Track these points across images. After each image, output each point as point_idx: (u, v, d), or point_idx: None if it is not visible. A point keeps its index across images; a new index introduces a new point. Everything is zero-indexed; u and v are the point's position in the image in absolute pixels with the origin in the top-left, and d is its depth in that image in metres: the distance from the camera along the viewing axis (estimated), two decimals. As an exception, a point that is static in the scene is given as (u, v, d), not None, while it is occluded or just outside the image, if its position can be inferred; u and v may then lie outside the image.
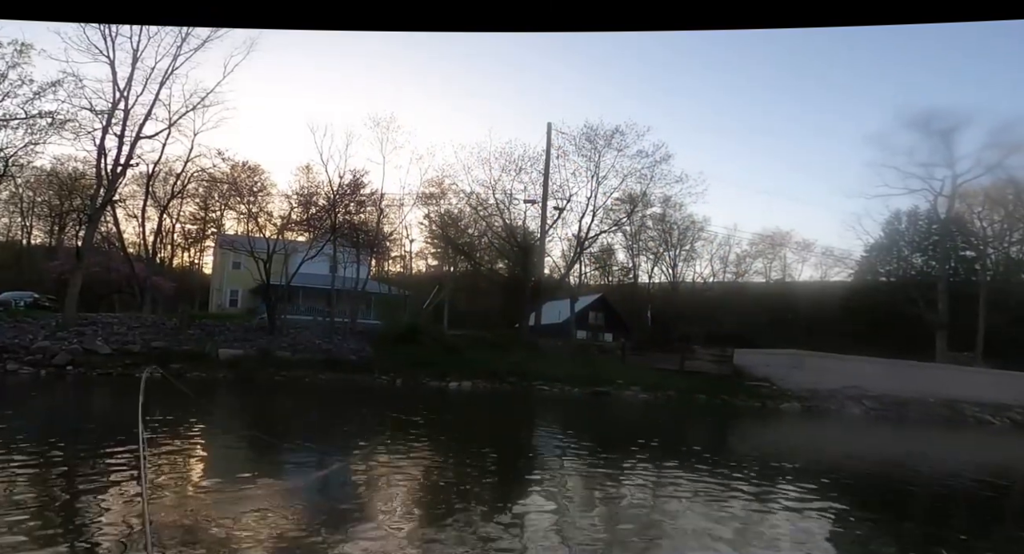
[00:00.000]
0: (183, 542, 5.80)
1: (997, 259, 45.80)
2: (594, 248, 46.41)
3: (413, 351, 29.85)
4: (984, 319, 39.46)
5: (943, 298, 40.80)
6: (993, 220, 45.94)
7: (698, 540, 7.19)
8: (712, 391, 29.99)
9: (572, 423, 21.06)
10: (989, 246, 46.22)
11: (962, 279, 43.70)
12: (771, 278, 51.66)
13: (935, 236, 45.31)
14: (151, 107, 30.87)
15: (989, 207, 45.23)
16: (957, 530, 9.12)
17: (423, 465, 11.30)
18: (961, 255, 45.82)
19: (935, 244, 45.15)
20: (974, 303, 39.86)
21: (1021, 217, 43.62)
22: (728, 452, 16.54)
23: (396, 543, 6.33)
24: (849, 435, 23.21)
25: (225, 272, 42.74)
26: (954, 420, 29.40)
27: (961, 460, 18.15)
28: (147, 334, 28.76)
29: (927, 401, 30.66)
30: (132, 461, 9.20)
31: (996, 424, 29.44)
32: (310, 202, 33.59)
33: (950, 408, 30.53)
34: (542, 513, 7.97)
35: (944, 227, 44.72)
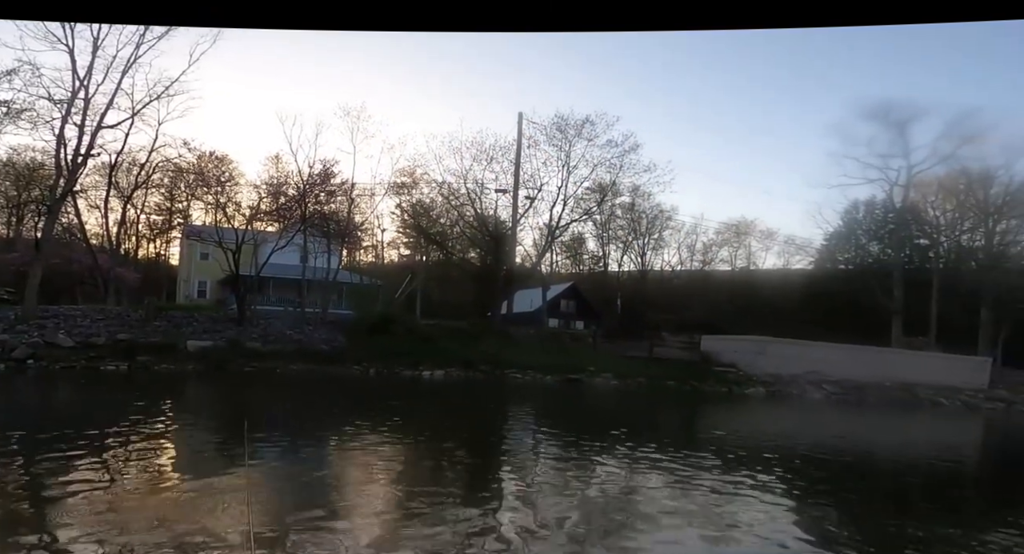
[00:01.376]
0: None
1: (949, 247, 47.30)
2: (565, 237, 46.86)
3: (386, 341, 29.89)
4: (937, 305, 41.15)
5: (898, 285, 42.20)
6: (946, 209, 47.43)
7: (669, 518, 7.67)
8: (681, 377, 30.71)
9: (545, 410, 21.48)
10: (942, 235, 47.88)
11: (916, 267, 45.11)
12: (736, 266, 52.91)
13: (891, 225, 46.67)
14: (113, 96, 30.02)
15: (942, 197, 46.74)
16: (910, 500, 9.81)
17: (395, 454, 11.54)
18: (915, 243, 47.29)
19: (891, 233, 46.53)
20: (927, 290, 41.42)
21: (972, 206, 45.21)
22: (697, 436, 17.21)
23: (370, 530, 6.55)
24: (812, 419, 24.10)
25: (192, 263, 41.98)
26: (909, 403, 30.75)
27: (911, 440, 19.22)
28: (112, 326, 28.15)
29: (884, 385, 31.97)
30: (99, 457, 9.33)
31: (948, 406, 30.85)
32: (280, 192, 33.20)
33: (906, 391, 31.89)
34: (516, 504, 8.26)
35: (899, 216, 46.13)
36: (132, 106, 30.88)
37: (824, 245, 49.66)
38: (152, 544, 5.73)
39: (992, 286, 39.15)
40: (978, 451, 19.61)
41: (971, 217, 45.93)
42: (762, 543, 6.79)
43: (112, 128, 30.98)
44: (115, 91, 29.85)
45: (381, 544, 6.09)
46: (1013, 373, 36.60)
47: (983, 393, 33.03)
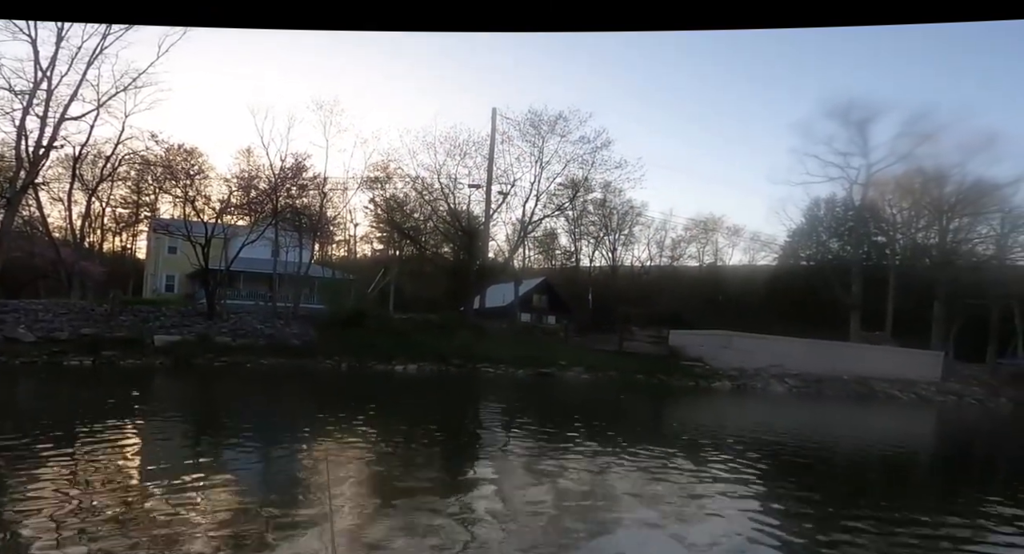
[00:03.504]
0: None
1: (905, 244, 48.99)
2: (537, 232, 47.37)
3: (359, 335, 29.94)
4: (893, 301, 42.70)
5: (857, 281, 43.56)
6: (902, 207, 49.05)
7: (641, 501, 8.21)
8: (650, 371, 31.36)
9: (517, 404, 21.82)
10: (898, 232, 49.59)
11: (874, 263, 46.57)
12: (704, 262, 54.07)
13: (850, 222, 48.11)
14: (77, 87, 29.52)
15: (899, 195, 48.22)
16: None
17: (366, 447, 11.62)
18: (873, 240, 48.84)
19: (850, 230, 47.96)
20: (884, 286, 42.96)
21: (927, 205, 46.77)
22: (665, 428, 17.84)
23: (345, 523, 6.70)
24: (773, 412, 24.94)
25: (160, 257, 41.26)
26: (866, 396, 32.00)
27: (863, 432, 20.17)
28: (75, 321, 27.64)
29: (842, 378, 33.18)
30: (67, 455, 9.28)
31: (903, 399, 32.15)
32: (251, 185, 32.87)
33: (863, 385, 33.17)
34: (486, 497, 8.43)
35: (858, 214, 47.56)
36: (97, 98, 30.39)
37: (788, 242, 51.08)
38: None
39: (945, 282, 40.78)
40: (927, 443, 20.65)
41: (926, 215, 47.51)
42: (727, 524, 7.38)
43: (76, 120, 30.43)
44: (80, 82, 29.37)
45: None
46: (964, 366, 38.32)
47: (935, 386, 34.52)
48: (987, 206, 43.64)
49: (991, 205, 43.43)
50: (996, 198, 42.76)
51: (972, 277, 39.70)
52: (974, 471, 14.67)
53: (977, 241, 46.27)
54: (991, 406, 32.49)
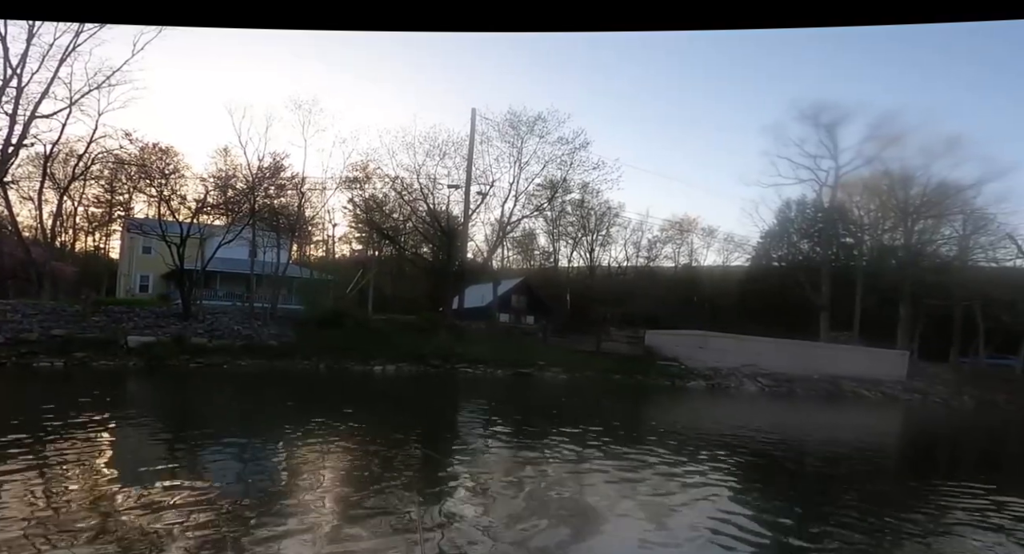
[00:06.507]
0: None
1: (872, 246, 50.13)
2: (516, 233, 47.67)
3: (337, 335, 29.88)
4: (860, 301, 43.78)
5: (826, 282, 44.64)
6: (869, 209, 50.36)
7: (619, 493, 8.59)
8: (627, 371, 31.87)
9: (496, 403, 22.06)
10: (865, 233, 50.79)
11: (842, 264, 47.67)
12: (679, 263, 54.74)
13: (820, 224, 49.13)
14: (48, 85, 29.05)
15: (866, 197, 49.55)
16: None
17: (344, 447, 11.75)
18: (842, 242, 49.92)
19: (820, 231, 48.99)
20: (853, 286, 44.05)
21: (893, 207, 47.95)
22: (643, 428, 18.24)
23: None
24: (745, 411, 25.55)
25: (134, 257, 40.56)
26: (835, 395, 32.88)
27: (830, 432, 20.85)
28: (46, 322, 27.14)
29: (812, 378, 34.05)
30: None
31: (870, 397, 33.11)
32: (228, 185, 32.57)
33: (832, 384, 34.08)
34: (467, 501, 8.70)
35: (828, 215, 48.66)
36: (70, 95, 29.91)
37: (760, 243, 51.93)
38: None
39: (910, 283, 41.97)
40: (890, 441, 21.41)
41: (892, 217, 48.77)
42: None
43: (48, 118, 29.86)
44: (51, 80, 28.87)
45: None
46: (928, 366, 39.51)
47: (901, 385, 35.61)
48: (950, 208, 45.05)
49: (954, 207, 44.88)
50: (959, 200, 44.21)
51: (936, 278, 40.91)
52: (938, 466, 15.30)
53: (941, 242, 47.77)
54: (955, 404, 33.61)
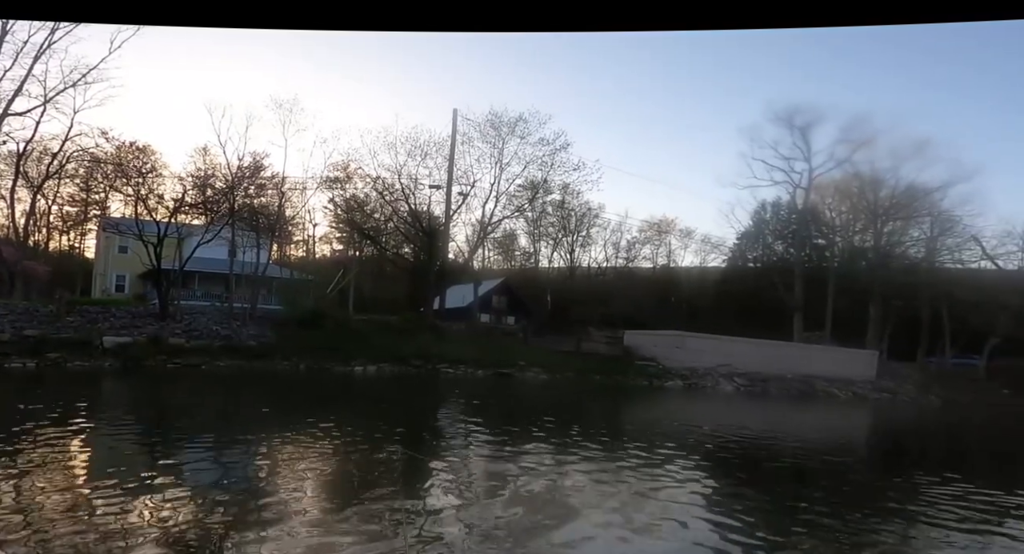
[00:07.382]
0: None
1: (843, 247, 51.28)
2: (497, 233, 47.98)
3: (317, 336, 29.82)
4: (832, 302, 44.78)
5: (799, 283, 45.57)
6: (841, 211, 51.47)
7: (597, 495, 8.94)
8: (606, 371, 32.31)
9: (477, 404, 22.20)
10: (837, 235, 51.93)
11: (815, 265, 48.68)
12: (657, 264, 55.49)
13: (793, 225, 50.22)
14: (22, 83, 28.61)
15: (838, 199, 50.63)
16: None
17: (322, 448, 11.60)
18: (814, 243, 51.03)
19: (793, 233, 50.06)
20: (824, 287, 45.04)
21: (863, 209, 49.01)
22: (621, 427, 18.66)
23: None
24: (722, 410, 26.14)
25: (110, 256, 39.98)
26: (808, 394, 33.72)
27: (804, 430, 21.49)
28: (19, 322, 26.71)
29: (786, 377, 34.87)
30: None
31: (841, 397, 34.02)
32: (207, 184, 32.29)
33: (805, 383, 34.94)
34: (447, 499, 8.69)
35: (801, 217, 49.70)
36: (44, 93, 29.45)
37: (736, 244, 52.89)
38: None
39: (879, 284, 43.05)
40: (860, 437, 22.13)
41: (862, 219, 49.94)
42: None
43: (21, 116, 29.39)
44: (25, 77, 28.42)
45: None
46: (897, 365, 40.65)
47: (871, 384, 36.63)
48: (918, 210, 46.30)
49: (922, 209, 46.12)
50: (926, 202, 45.46)
51: (904, 279, 42.05)
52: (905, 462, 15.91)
53: (909, 244, 49.02)
54: (922, 403, 34.67)
